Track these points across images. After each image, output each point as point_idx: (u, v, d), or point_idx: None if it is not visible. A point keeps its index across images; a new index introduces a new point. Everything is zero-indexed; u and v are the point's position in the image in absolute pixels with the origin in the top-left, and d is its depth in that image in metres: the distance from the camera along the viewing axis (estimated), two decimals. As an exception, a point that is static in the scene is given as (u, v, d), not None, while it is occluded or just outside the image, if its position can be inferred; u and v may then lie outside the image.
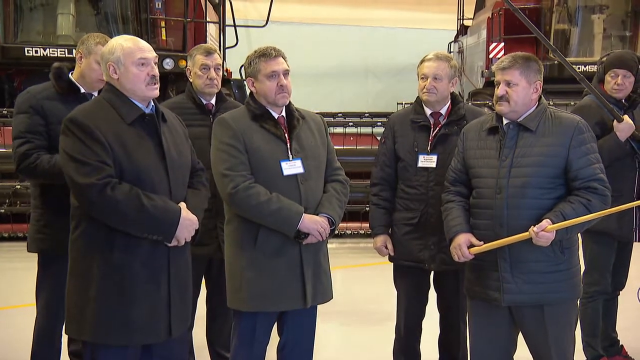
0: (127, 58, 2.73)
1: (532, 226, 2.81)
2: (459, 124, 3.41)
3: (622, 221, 3.81)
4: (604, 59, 3.95)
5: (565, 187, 2.91)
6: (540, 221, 2.81)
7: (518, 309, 2.95)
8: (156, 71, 2.78)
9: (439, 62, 3.45)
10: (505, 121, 2.98)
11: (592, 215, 2.83)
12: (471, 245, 2.96)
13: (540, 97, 3.02)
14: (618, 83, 3.82)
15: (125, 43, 2.75)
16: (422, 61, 3.50)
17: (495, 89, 2.98)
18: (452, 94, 3.52)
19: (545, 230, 2.78)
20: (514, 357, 3.12)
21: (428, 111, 3.50)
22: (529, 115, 2.95)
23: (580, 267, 3.03)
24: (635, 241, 3.94)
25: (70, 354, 3.73)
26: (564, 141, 2.89)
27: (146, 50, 2.77)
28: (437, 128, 3.46)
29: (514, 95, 2.92)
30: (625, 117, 3.74)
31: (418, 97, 3.55)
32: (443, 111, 3.49)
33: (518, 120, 2.95)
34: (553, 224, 2.79)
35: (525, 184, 2.87)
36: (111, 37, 2.97)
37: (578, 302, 3.16)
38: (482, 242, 2.94)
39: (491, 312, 2.99)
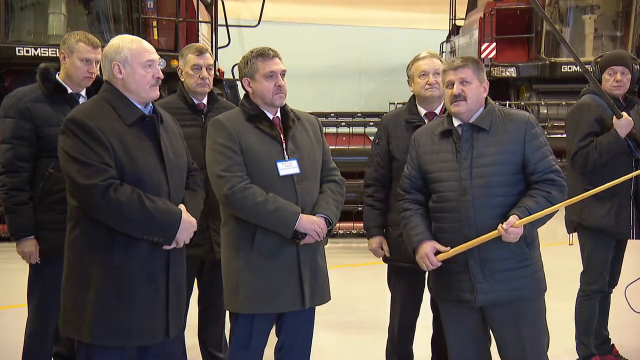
0: (135, 59, 2.72)
1: (500, 224, 2.83)
2: None
3: (619, 219, 3.84)
4: (599, 59, 3.99)
5: (525, 181, 2.95)
6: (507, 218, 2.84)
7: (490, 309, 2.97)
8: (160, 73, 2.78)
9: (435, 59, 3.48)
10: (456, 123, 2.99)
11: (554, 207, 2.88)
12: (437, 252, 2.96)
13: (487, 98, 3.04)
14: (617, 80, 3.85)
15: (132, 44, 2.74)
16: (417, 60, 3.50)
17: (447, 90, 2.98)
18: None
19: (513, 226, 2.81)
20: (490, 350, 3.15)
21: (422, 111, 3.50)
22: (480, 116, 2.97)
23: (542, 262, 3.04)
24: (632, 238, 3.96)
25: (54, 356, 3.71)
26: (518, 137, 2.92)
27: (152, 51, 2.77)
28: None
29: (469, 93, 2.93)
30: (624, 113, 3.77)
31: (412, 97, 3.55)
32: (437, 111, 3.49)
33: (470, 121, 2.96)
34: (520, 219, 2.82)
35: (488, 184, 2.89)
36: (103, 37, 2.97)
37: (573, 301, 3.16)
38: (448, 247, 2.93)
39: (464, 313, 3.01)
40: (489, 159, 2.91)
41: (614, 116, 3.76)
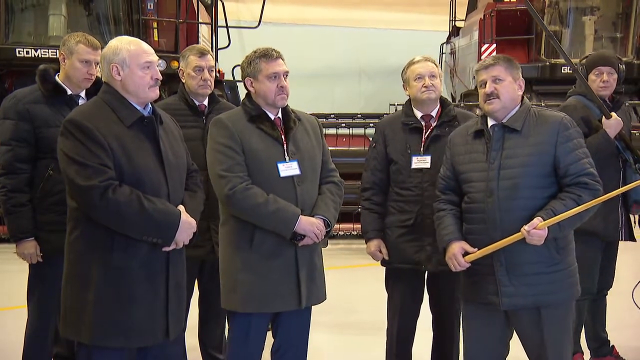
0: (133, 60, 2.72)
1: (523, 226, 2.81)
2: (451, 125, 3.44)
3: (607, 220, 3.83)
4: (584, 60, 3.99)
5: (557, 185, 2.90)
6: (532, 220, 2.81)
7: (515, 311, 2.94)
8: (159, 74, 2.78)
9: (429, 62, 3.50)
10: (490, 123, 2.98)
11: (580, 208, 2.80)
12: (466, 253, 2.95)
13: (523, 97, 3.02)
14: (604, 80, 3.86)
15: (130, 45, 2.74)
16: (411, 64, 3.52)
17: (481, 89, 2.97)
18: (440, 97, 3.54)
19: (536, 228, 2.77)
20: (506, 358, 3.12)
21: (419, 114, 3.51)
22: (514, 116, 2.95)
23: (576, 266, 3.01)
24: (621, 240, 3.96)
25: (54, 357, 3.71)
26: (550, 139, 2.88)
27: (150, 53, 2.78)
28: (429, 130, 3.48)
29: (502, 90, 2.92)
30: (613, 114, 3.76)
31: (408, 100, 3.57)
32: (433, 113, 3.51)
33: (503, 122, 2.95)
34: (544, 221, 2.78)
35: (515, 185, 2.86)
36: (104, 39, 2.97)
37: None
38: (476, 249, 2.92)
39: (487, 315, 2.98)
40: (519, 160, 2.87)
41: (604, 117, 3.75)
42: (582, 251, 3.91)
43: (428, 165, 3.41)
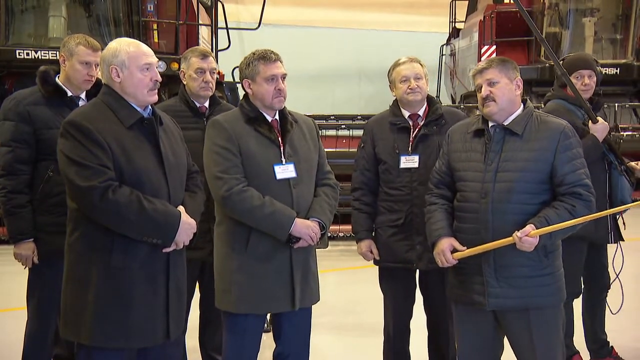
0: (132, 62, 2.72)
1: (515, 231, 2.81)
2: (438, 124, 3.47)
3: (597, 224, 3.80)
4: (561, 62, 3.97)
5: (551, 192, 2.91)
6: (524, 226, 2.81)
7: (503, 313, 2.94)
8: (159, 76, 2.78)
9: (414, 63, 3.51)
10: (490, 124, 2.98)
11: (574, 221, 2.82)
12: (454, 250, 2.95)
13: (526, 100, 3.02)
14: (585, 83, 3.85)
15: (129, 47, 2.74)
16: (397, 65, 3.53)
17: (478, 93, 2.98)
18: (427, 95, 3.56)
19: (528, 236, 2.78)
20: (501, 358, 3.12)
21: (406, 113, 3.53)
22: (515, 119, 2.94)
23: (562, 272, 3.02)
24: (610, 243, 3.95)
25: (54, 358, 3.71)
26: (550, 146, 2.88)
27: (149, 55, 2.77)
28: (417, 129, 3.49)
29: (498, 92, 2.92)
30: (600, 118, 3.76)
31: (395, 101, 3.58)
32: (421, 112, 3.53)
33: (505, 124, 2.94)
34: (537, 229, 2.78)
35: (510, 189, 2.86)
36: (104, 40, 2.97)
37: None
38: (465, 247, 2.92)
39: (476, 316, 2.98)
40: (516, 164, 2.87)
41: (590, 121, 3.74)
42: (569, 254, 3.91)
43: (416, 165, 3.43)
